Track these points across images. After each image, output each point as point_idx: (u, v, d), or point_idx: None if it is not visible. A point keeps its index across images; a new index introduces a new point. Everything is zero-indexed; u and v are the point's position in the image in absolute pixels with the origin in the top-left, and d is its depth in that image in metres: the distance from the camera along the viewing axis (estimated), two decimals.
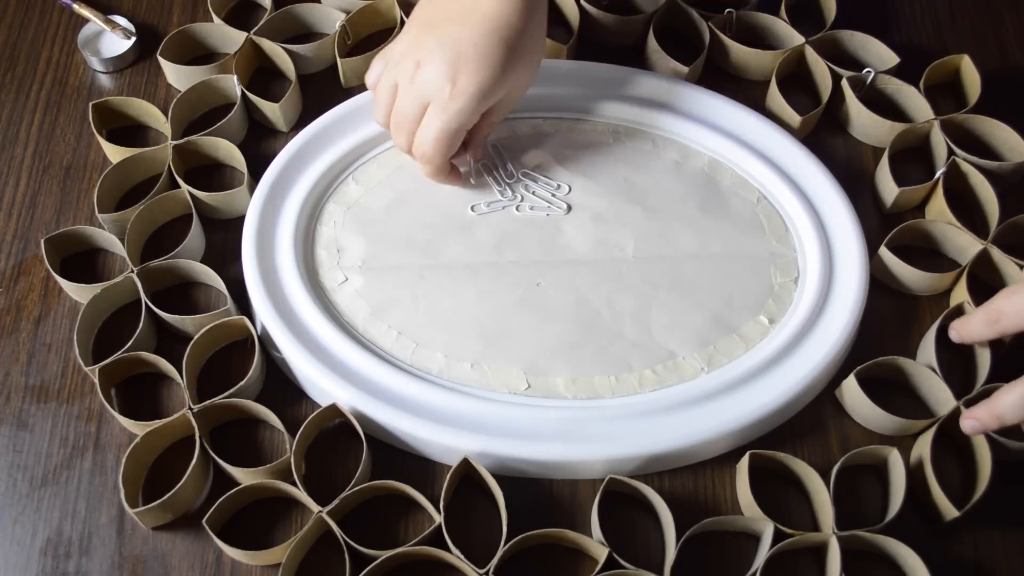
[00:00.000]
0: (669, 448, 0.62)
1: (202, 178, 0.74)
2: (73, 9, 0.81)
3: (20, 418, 0.66)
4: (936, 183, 0.72)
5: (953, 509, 0.60)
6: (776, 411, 0.64)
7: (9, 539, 0.61)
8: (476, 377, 0.65)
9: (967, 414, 0.62)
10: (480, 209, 0.72)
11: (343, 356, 0.65)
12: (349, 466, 0.63)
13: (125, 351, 0.64)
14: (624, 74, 0.77)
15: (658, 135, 0.75)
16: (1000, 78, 0.80)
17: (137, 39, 0.80)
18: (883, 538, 0.59)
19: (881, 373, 0.66)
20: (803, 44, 0.78)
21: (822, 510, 0.61)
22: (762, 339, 0.67)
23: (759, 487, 0.61)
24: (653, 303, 0.68)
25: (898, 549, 0.59)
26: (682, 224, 0.71)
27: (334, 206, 0.72)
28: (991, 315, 0.63)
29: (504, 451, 0.62)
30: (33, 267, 0.71)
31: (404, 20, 0.78)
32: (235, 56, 0.76)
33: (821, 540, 0.60)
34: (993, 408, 0.61)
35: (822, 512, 0.61)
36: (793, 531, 0.59)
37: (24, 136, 0.77)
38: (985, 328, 0.64)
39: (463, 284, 0.68)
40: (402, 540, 0.61)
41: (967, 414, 0.62)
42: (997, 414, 0.60)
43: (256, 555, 0.59)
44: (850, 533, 0.59)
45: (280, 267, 0.68)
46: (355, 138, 0.73)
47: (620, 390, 0.65)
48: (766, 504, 0.61)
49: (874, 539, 0.60)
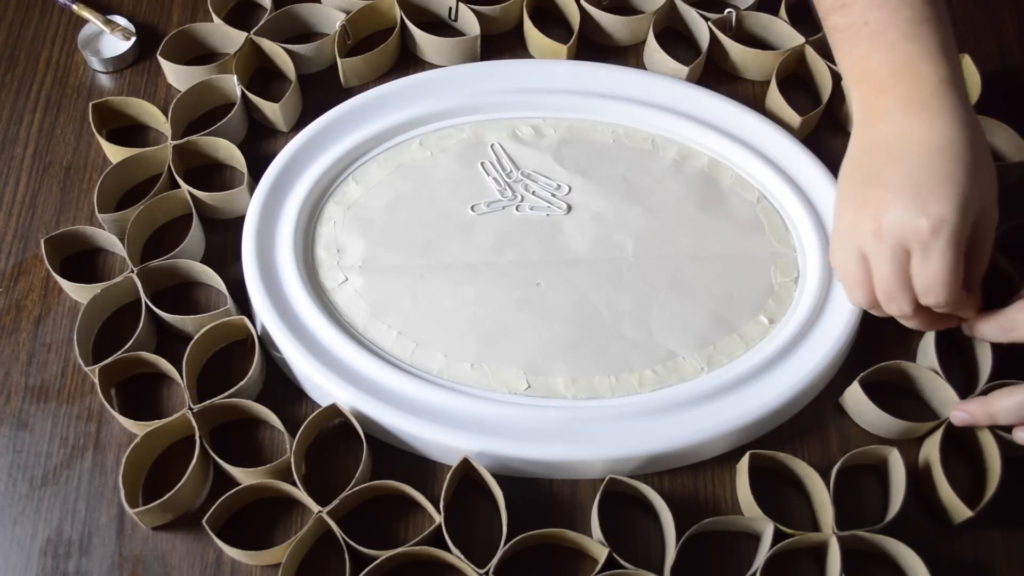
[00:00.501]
0: (669, 448, 0.62)
1: (202, 178, 0.74)
2: (72, 10, 0.82)
3: (20, 418, 0.66)
4: None
5: (966, 510, 0.60)
6: (776, 411, 0.64)
7: (9, 539, 0.61)
8: (476, 377, 0.65)
9: (959, 405, 0.62)
10: (480, 209, 0.72)
11: (343, 356, 0.65)
12: (349, 466, 0.63)
13: (125, 351, 0.64)
14: (624, 74, 0.77)
15: (658, 135, 0.75)
16: (999, 78, 0.80)
17: (137, 39, 0.80)
18: (883, 538, 0.59)
19: (883, 377, 0.66)
20: (803, 44, 0.78)
21: (822, 510, 0.61)
22: (762, 339, 0.67)
23: (759, 487, 0.61)
24: (653, 303, 0.68)
25: (898, 549, 0.59)
26: (682, 224, 0.71)
27: (334, 206, 0.72)
28: (1006, 323, 0.62)
29: (504, 451, 0.62)
30: (33, 267, 0.71)
31: (404, 20, 0.79)
32: (235, 56, 0.76)
33: (821, 540, 0.60)
34: (988, 406, 0.60)
35: (822, 512, 0.61)
36: (793, 531, 0.60)
37: (24, 136, 0.77)
38: (998, 334, 0.63)
39: (463, 284, 0.68)
40: (402, 540, 0.61)
41: (959, 405, 0.62)
42: (991, 413, 0.60)
43: (256, 555, 0.59)
44: (850, 533, 0.59)
45: (280, 267, 0.68)
46: (355, 138, 0.73)
47: (620, 390, 0.65)
48: (766, 504, 0.61)
49: (874, 539, 0.59)
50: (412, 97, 0.75)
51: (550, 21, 0.82)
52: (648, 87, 0.76)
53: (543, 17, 0.81)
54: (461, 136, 0.75)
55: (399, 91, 0.75)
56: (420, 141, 0.74)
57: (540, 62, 0.78)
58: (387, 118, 0.74)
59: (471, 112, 0.75)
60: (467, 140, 0.74)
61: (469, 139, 0.75)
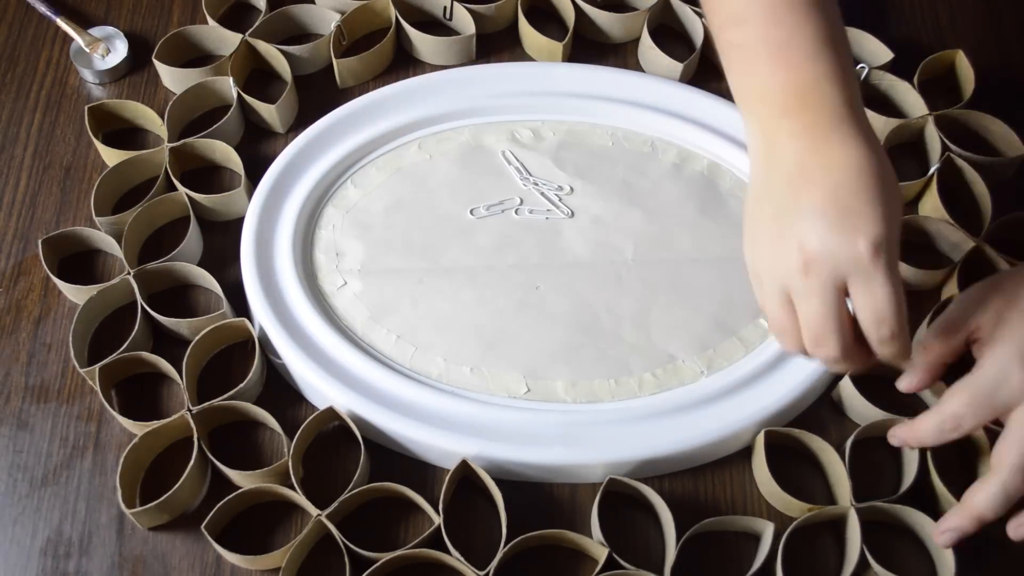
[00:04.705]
0: (669, 452, 0.62)
1: (199, 180, 0.74)
2: (57, 23, 0.81)
3: (20, 418, 0.66)
4: (930, 179, 0.72)
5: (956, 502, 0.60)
6: (776, 414, 0.64)
7: (9, 539, 0.62)
8: (475, 381, 0.65)
9: (941, 527, 0.58)
10: (479, 213, 0.72)
11: (342, 360, 0.65)
12: (348, 470, 0.64)
13: (120, 354, 0.64)
14: (623, 76, 0.77)
15: (657, 138, 0.75)
16: (995, 73, 0.80)
17: (130, 52, 0.79)
18: (901, 507, 0.60)
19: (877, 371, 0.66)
20: None
21: (839, 484, 0.61)
22: (762, 342, 0.67)
23: (774, 466, 0.61)
24: (653, 306, 0.68)
25: (916, 518, 0.60)
26: (681, 227, 0.71)
27: (333, 209, 0.72)
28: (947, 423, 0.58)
29: (504, 455, 0.62)
30: (33, 267, 0.71)
31: (399, 20, 0.78)
32: (231, 58, 0.76)
33: (840, 513, 0.60)
34: (970, 511, 0.56)
35: (839, 486, 0.61)
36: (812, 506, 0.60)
37: (24, 136, 0.77)
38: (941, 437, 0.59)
39: (462, 288, 0.68)
40: (401, 542, 0.61)
41: (941, 527, 0.58)
42: (976, 515, 0.56)
43: (255, 559, 0.59)
44: (868, 504, 0.60)
45: (279, 271, 0.68)
46: (354, 141, 0.73)
47: (620, 394, 0.65)
48: (783, 480, 0.61)
49: (892, 509, 0.60)
50: (411, 100, 0.75)
51: (545, 19, 0.82)
52: (647, 89, 0.76)
53: (538, 15, 0.81)
54: (460, 139, 0.75)
55: (397, 94, 0.75)
56: (419, 144, 0.74)
57: (539, 65, 0.78)
58: (386, 121, 0.74)
59: (470, 115, 0.75)
60: (466, 143, 0.74)
61: (468, 142, 0.74)
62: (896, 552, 0.61)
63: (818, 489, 0.63)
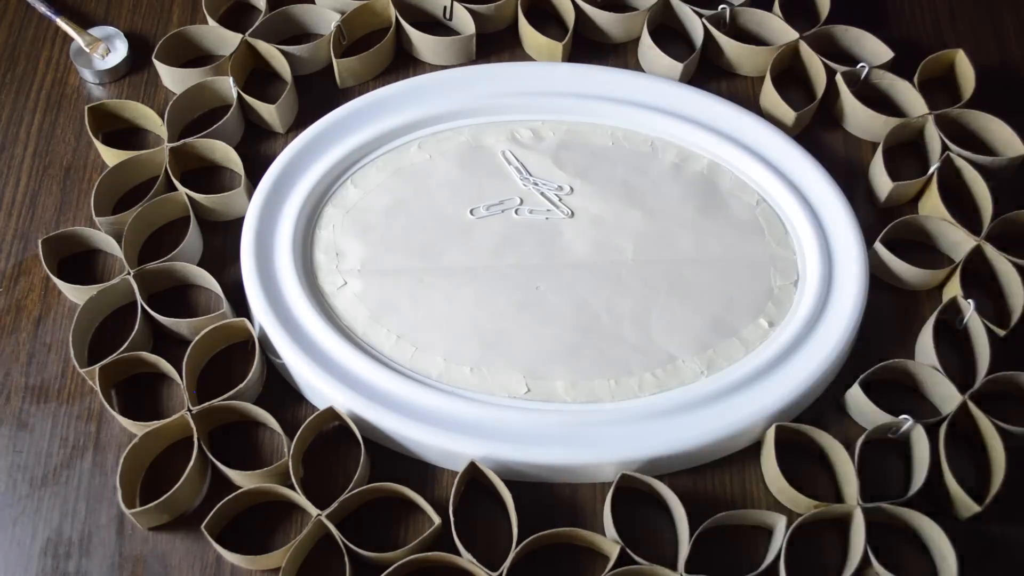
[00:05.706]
0: (670, 452, 0.62)
1: (199, 180, 0.74)
2: (57, 23, 0.81)
3: (20, 418, 0.66)
4: (930, 178, 0.72)
5: (974, 505, 0.60)
6: (776, 414, 0.64)
7: (9, 539, 0.62)
8: (476, 381, 0.65)
9: None
10: (479, 213, 0.72)
11: (342, 360, 0.65)
12: (348, 469, 0.64)
13: (120, 354, 0.64)
14: (623, 76, 0.77)
15: (657, 138, 0.75)
16: (995, 72, 0.80)
17: (130, 52, 0.79)
18: (907, 511, 0.60)
19: (883, 376, 0.66)
20: (797, 40, 0.78)
21: (846, 482, 0.61)
22: (762, 342, 0.67)
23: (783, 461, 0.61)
24: (653, 306, 0.68)
25: (921, 522, 0.60)
26: (681, 227, 0.71)
27: (333, 209, 0.72)
28: None
29: (504, 455, 0.62)
30: (33, 267, 0.71)
31: (399, 20, 0.78)
32: (230, 58, 0.76)
33: (846, 511, 0.60)
34: None
35: (846, 485, 0.61)
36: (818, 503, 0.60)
37: (24, 136, 0.77)
38: None
39: (462, 288, 0.68)
40: (401, 543, 0.61)
41: None
42: None
43: (256, 559, 0.59)
44: (874, 505, 0.60)
45: (279, 270, 0.68)
46: (354, 141, 0.73)
47: (620, 394, 0.65)
48: (790, 475, 0.61)
49: (898, 511, 0.60)
50: (411, 100, 0.75)
51: (545, 19, 0.82)
52: (647, 90, 0.76)
53: (538, 15, 0.81)
54: (460, 139, 0.75)
55: (397, 94, 0.75)
56: (419, 144, 0.74)
57: (539, 65, 0.78)
58: (386, 121, 0.74)
59: (470, 115, 0.75)
60: (466, 143, 0.74)
61: (468, 142, 0.74)
62: (899, 554, 0.61)
63: (824, 487, 0.63)
